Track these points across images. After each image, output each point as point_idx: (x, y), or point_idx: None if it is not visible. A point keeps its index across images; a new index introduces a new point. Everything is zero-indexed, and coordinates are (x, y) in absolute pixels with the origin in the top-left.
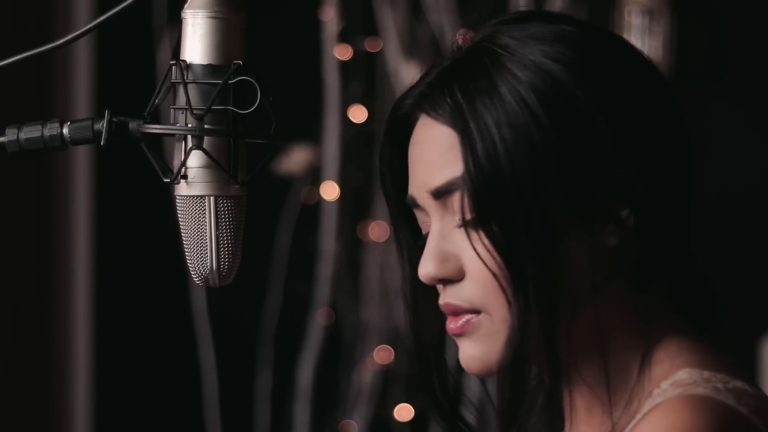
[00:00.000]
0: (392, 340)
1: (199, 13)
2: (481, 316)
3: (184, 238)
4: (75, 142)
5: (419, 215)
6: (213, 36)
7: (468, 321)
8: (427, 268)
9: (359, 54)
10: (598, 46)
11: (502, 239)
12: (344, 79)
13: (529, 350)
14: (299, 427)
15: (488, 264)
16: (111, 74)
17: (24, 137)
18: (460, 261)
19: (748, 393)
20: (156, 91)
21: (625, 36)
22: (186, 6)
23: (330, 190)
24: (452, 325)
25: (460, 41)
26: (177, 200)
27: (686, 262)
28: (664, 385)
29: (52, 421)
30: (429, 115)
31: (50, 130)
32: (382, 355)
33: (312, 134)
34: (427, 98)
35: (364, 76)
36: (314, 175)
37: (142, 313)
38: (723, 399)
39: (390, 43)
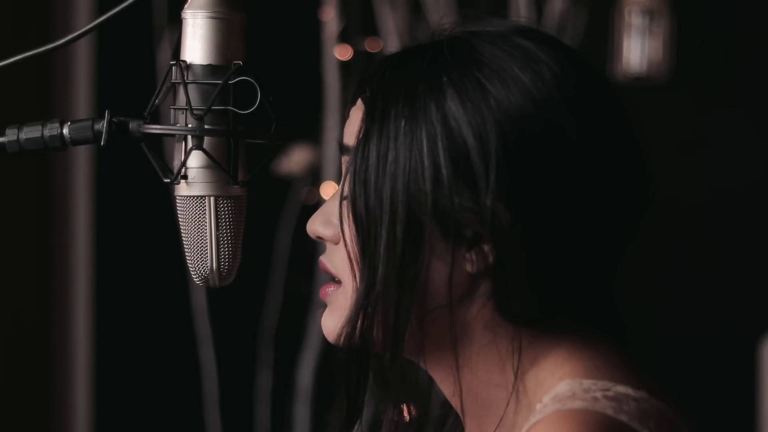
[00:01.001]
0: None
1: (200, 14)
2: (340, 288)
3: (184, 239)
4: (75, 142)
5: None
6: (213, 36)
7: (327, 291)
8: (311, 224)
9: (359, 54)
10: (537, 80)
11: (363, 221)
12: (344, 80)
13: (365, 336)
14: (299, 427)
15: (346, 237)
16: (111, 74)
17: (24, 137)
18: (339, 227)
19: (631, 398)
20: (156, 92)
21: (625, 36)
22: (186, 6)
23: (330, 190)
24: (321, 291)
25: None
26: (177, 200)
27: (575, 297)
28: (546, 399)
29: (53, 421)
30: (362, 95)
31: (50, 130)
32: None
33: (312, 134)
34: (370, 78)
35: None
36: (314, 175)
37: (142, 313)
38: (600, 409)
39: (390, 43)
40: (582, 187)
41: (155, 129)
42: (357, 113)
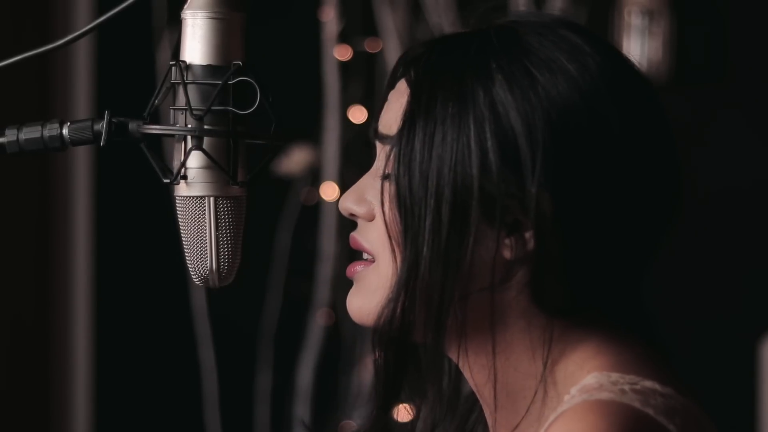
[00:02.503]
0: None
1: (199, 14)
2: (372, 266)
3: (183, 239)
4: (75, 142)
5: (374, 150)
6: (213, 36)
7: (355, 269)
8: (344, 201)
9: (359, 54)
10: (589, 95)
11: (408, 202)
12: (344, 80)
13: (408, 319)
14: (299, 427)
15: (388, 217)
16: (111, 75)
17: (24, 138)
18: (374, 206)
19: (658, 393)
20: (156, 92)
21: (625, 36)
22: (186, 6)
23: (330, 191)
24: (350, 268)
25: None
26: (177, 201)
27: (607, 294)
28: (574, 390)
29: (53, 421)
30: (406, 77)
31: (50, 130)
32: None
33: (312, 135)
34: (415, 62)
35: (364, 77)
36: (314, 176)
37: (142, 313)
38: (628, 401)
39: (390, 43)
40: (622, 179)
41: (155, 129)
42: (397, 98)
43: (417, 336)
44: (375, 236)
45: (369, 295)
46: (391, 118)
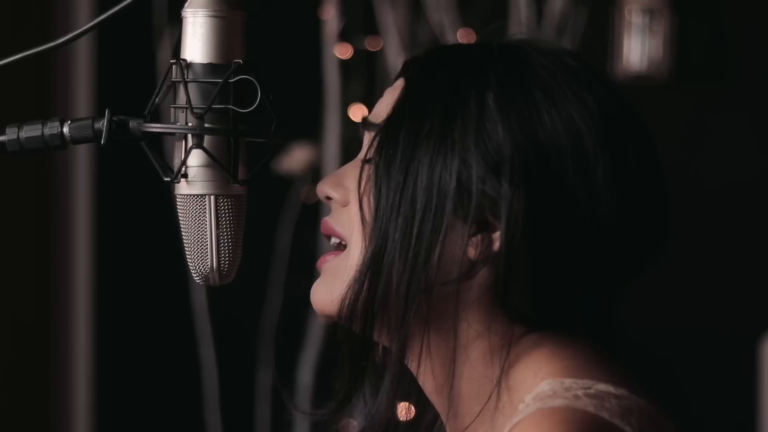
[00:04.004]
0: None
1: (200, 12)
2: (342, 254)
3: (184, 238)
4: (75, 141)
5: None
6: (213, 35)
7: (326, 259)
8: (321, 185)
9: (359, 53)
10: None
11: (383, 189)
12: (345, 78)
13: (370, 304)
14: (299, 426)
15: (360, 197)
16: (111, 73)
17: (24, 136)
18: (350, 191)
19: (612, 395)
20: (156, 90)
21: (626, 35)
22: (186, 5)
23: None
24: (320, 260)
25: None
26: (177, 199)
27: (568, 306)
28: (528, 398)
29: (53, 421)
30: (403, 72)
31: (51, 129)
32: None
33: (312, 133)
34: (415, 62)
35: (365, 75)
36: (314, 175)
37: (142, 312)
38: (582, 406)
39: (390, 42)
40: (599, 214)
41: (155, 128)
42: (391, 93)
43: (379, 324)
44: (347, 221)
45: (334, 283)
46: (381, 110)
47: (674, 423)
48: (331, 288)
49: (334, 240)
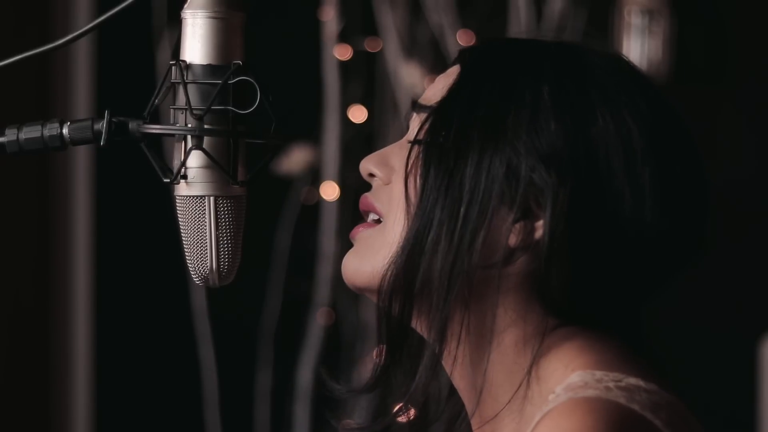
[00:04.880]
0: None
1: (199, 13)
2: (377, 227)
3: (184, 238)
4: (75, 142)
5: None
6: (213, 36)
7: (360, 230)
8: (365, 162)
9: (359, 54)
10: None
11: (432, 171)
12: (344, 79)
13: (411, 281)
14: (299, 427)
15: (407, 178)
16: (111, 74)
17: (24, 137)
18: (395, 170)
19: (642, 389)
20: (156, 91)
21: (625, 36)
22: (186, 6)
23: (330, 190)
24: (354, 229)
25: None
26: (177, 200)
27: (603, 303)
28: (558, 389)
29: (53, 421)
30: (460, 62)
31: (50, 130)
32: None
33: (312, 134)
34: (472, 51)
35: (364, 76)
36: (314, 175)
37: (142, 313)
38: (613, 398)
39: (390, 43)
40: (642, 216)
41: (155, 129)
42: (445, 79)
43: (419, 304)
44: (387, 199)
45: (368, 255)
46: (432, 93)
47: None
48: (364, 259)
49: (372, 216)
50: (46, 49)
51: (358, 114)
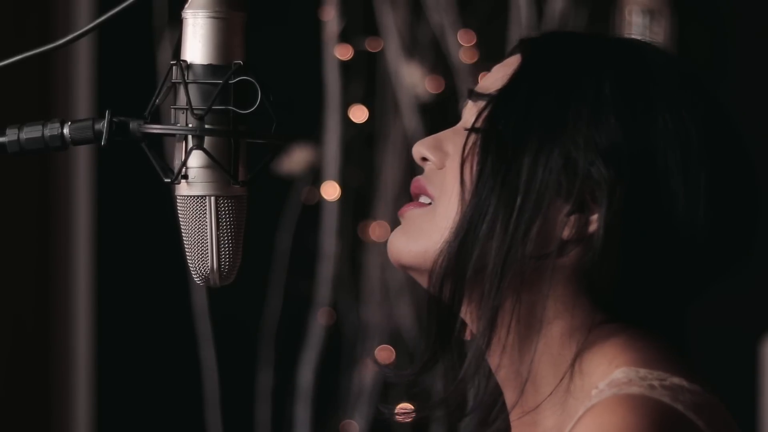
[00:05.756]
0: (392, 340)
1: (200, 13)
2: (427, 209)
3: (184, 238)
4: (75, 142)
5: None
6: (213, 36)
7: (409, 208)
8: (418, 145)
9: (360, 54)
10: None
11: (490, 158)
12: (345, 79)
13: (464, 265)
14: (300, 427)
15: (464, 165)
16: (111, 74)
17: (24, 137)
18: (449, 155)
19: (686, 389)
20: (156, 91)
21: (626, 35)
22: (186, 6)
23: (330, 190)
24: (402, 209)
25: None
26: (177, 200)
27: (651, 303)
28: (602, 385)
29: (53, 421)
30: (522, 51)
31: (51, 130)
32: (383, 355)
33: (313, 134)
34: (533, 42)
35: (365, 76)
36: (315, 175)
37: (143, 313)
38: (657, 396)
39: (390, 43)
40: (695, 217)
41: (156, 129)
42: (503, 68)
43: (469, 290)
44: (440, 183)
45: (418, 235)
46: (490, 82)
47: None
48: (412, 239)
49: (423, 199)
50: (46, 49)
51: (358, 114)
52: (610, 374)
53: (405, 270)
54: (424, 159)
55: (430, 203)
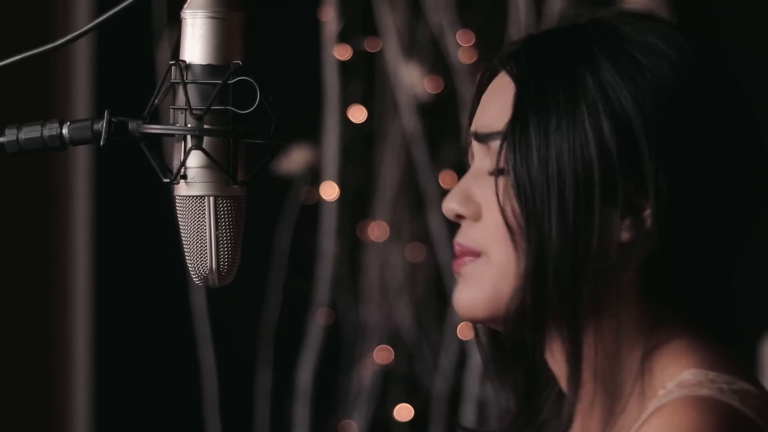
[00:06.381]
0: (392, 340)
1: (199, 14)
2: (480, 259)
3: (183, 238)
4: (74, 142)
5: (469, 155)
6: (212, 36)
7: (464, 261)
8: (448, 202)
9: (359, 54)
10: (694, 83)
11: (529, 192)
12: (344, 79)
13: (542, 304)
14: (299, 427)
15: (505, 211)
16: (111, 74)
17: (23, 137)
18: (481, 204)
19: (753, 395)
20: (155, 91)
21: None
22: (185, 6)
23: (330, 190)
24: (454, 264)
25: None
26: (176, 200)
27: (707, 282)
28: (670, 385)
29: (52, 421)
30: (506, 69)
31: (50, 130)
32: (382, 355)
33: (312, 134)
34: (512, 56)
35: (364, 76)
36: (314, 175)
37: (142, 313)
38: (728, 400)
39: (389, 43)
40: (727, 158)
41: (155, 129)
42: (495, 97)
43: (547, 323)
44: (482, 234)
45: (481, 288)
46: (491, 117)
47: None
48: (478, 291)
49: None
50: (46, 49)
51: (357, 114)
52: (679, 375)
53: (480, 323)
54: (459, 216)
55: (480, 255)
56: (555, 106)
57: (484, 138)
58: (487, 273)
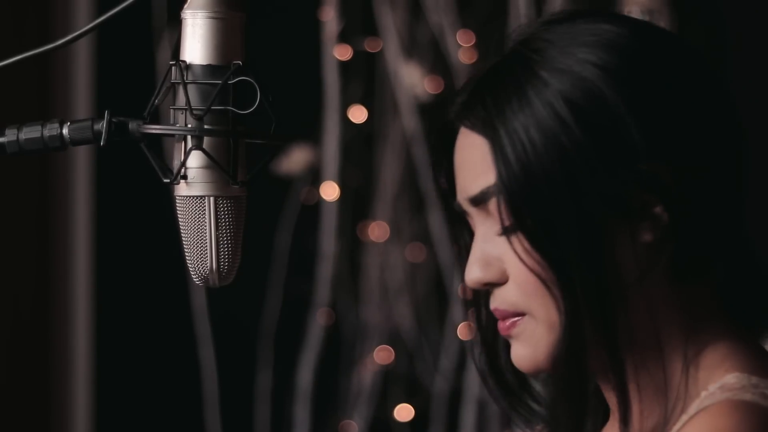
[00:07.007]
0: (392, 340)
1: (199, 14)
2: (526, 318)
3: (183, 239)
4: (75, 142)
5: (469, 219)
6: (213, 36)
7: (514, 323)
8: (471, 274)
9: (359, 54)
10: (639, 46)
11: (543, 241)
12: (344, 80)
13: (583, 346)
14: (299, 427)
15: (530, 266)
16: (111, 74)
17: (24, 137)
18: (503, 265)
19: None
20: (156, 92)
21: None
22: (185, 6)
23: (330, 191)
24: (501, 326)
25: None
26: (177, 200)
27: (732, 255)
28: (712, 388)
29: (52, 421)
30: (465, 125)
31: (50, 130)
32: (382, 355)
33: (312, 134)
34: (464, 108)
35: (364, 77)
36: (314, 176)
37: (142, 313)
38: None
39: (390, 43)
40: (725, 135)
41: (155, 129)
42: (466, 156)
43: (590, 358)
44: (516, 294)
45: (537, 345)
46: (472, 177)
47: None
48: (537, 348)
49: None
50: (46, 49)
51: (358, 114)
52: (721, 378)
53: (543, 372)
54: (487, 284)
55: (523, 314)
56: (532, 144)
57: (480, 199)
58: (538, 330)
